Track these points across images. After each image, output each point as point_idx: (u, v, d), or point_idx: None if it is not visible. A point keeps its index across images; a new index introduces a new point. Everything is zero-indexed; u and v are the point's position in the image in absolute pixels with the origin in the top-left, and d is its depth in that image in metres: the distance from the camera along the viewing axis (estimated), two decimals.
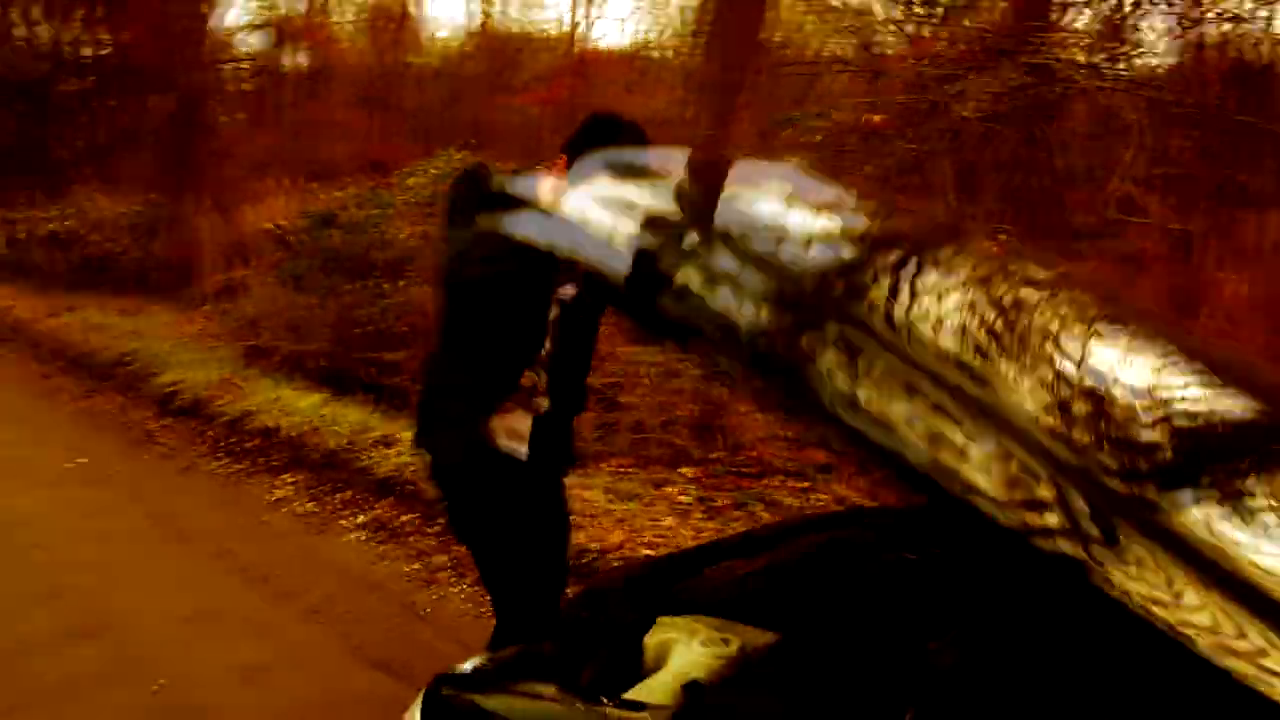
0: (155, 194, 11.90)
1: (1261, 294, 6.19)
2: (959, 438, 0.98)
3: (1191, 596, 0.87)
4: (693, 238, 1.29)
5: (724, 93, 7.50)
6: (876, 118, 4.96)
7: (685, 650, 1.38)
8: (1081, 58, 4.63)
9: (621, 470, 5.65)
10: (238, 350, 7.69)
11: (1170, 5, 4.86)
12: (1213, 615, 0.85)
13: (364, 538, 4.70)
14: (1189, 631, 0.83)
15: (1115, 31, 4.81)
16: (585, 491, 4.95)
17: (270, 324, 7.83)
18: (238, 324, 8.27)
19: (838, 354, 1.05)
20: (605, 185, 1.71)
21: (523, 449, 2.31)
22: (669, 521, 4.79)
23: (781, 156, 5.08)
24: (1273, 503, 1.00)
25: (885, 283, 1.29)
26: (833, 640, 1.42)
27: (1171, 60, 5.02)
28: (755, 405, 6.76)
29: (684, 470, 5.74)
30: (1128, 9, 4.76)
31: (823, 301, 1.16)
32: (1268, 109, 5.03)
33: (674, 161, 2.00)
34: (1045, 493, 0.95)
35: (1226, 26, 4.83)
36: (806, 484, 5.67)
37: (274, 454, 5.74)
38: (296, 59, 18.03)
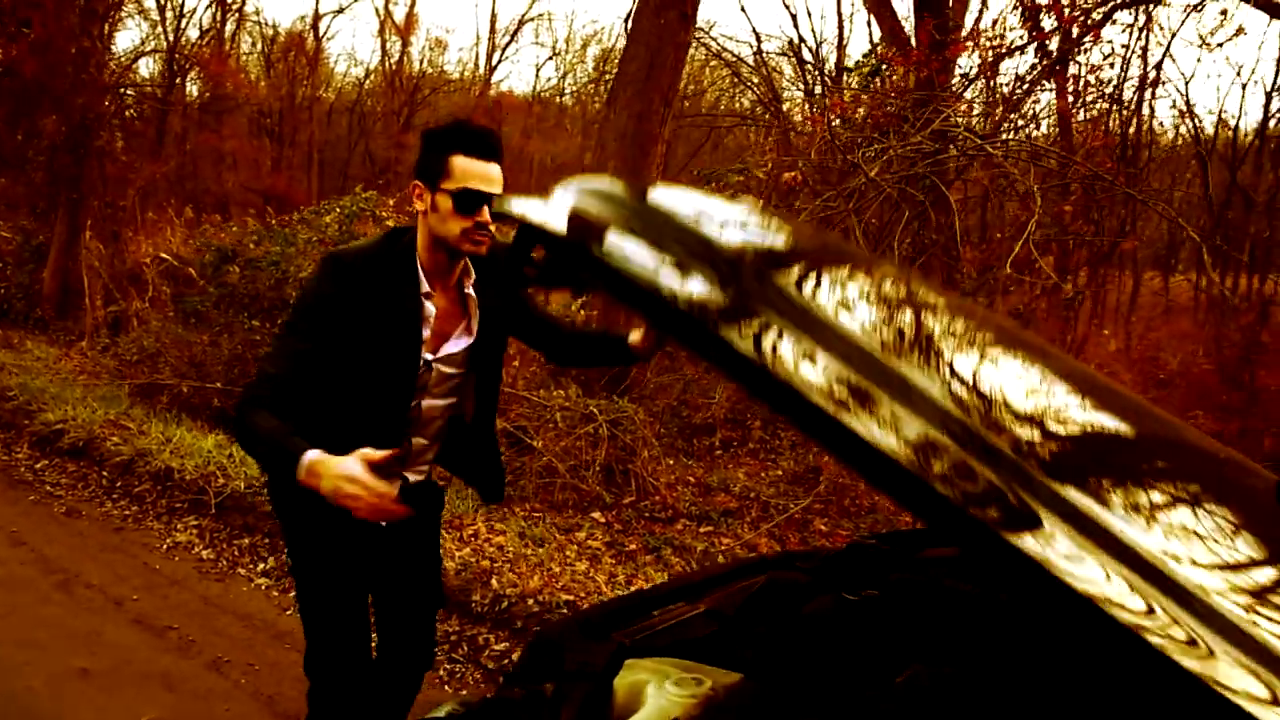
0: (40, 220, 11.34)
1: (1129, 347, 6.67)
2: (884, 409, 1.02)
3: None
4: (624, 206, 1.37)
5: (639, 143, 7.66)
6: (794, 174, 5.15)
7: (659, 692, 1.41)
8: (979, 126, 4.94)
9: (533, 514, 5.63)
10: (127, 387, 7.36)
11: (1056, 85, 5.25)
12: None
13: (267, 585, 4.55)
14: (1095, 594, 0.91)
15: (1009, 105, 5.15)
16: (498, 536, 4.93)
17: (163, 361, 7.53)
18: (128, 360, 7.92)
19: (755, 319, 1.09)
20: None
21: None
22: (582, 566, 4.79)
23: None
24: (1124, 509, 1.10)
25: (797, 267, 1.40)
26: (799, 679, 1.47)
27: (1055, 132, 5.42)
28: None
29: (594, 515, 5.76)
30: (1022, 86, 5.10)
31: (739, 270, 1.21)
32: (1137, 179, 5.44)
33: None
34: (965, 464, 1.00)
35: (1105, 105, 5.26)
36: (711, 528, 5.77)
37: (170, 497, 5.50)
38: (192, 87, 17.54)
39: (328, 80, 19.75)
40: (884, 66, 5.02)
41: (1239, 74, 15.05)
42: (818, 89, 13.00)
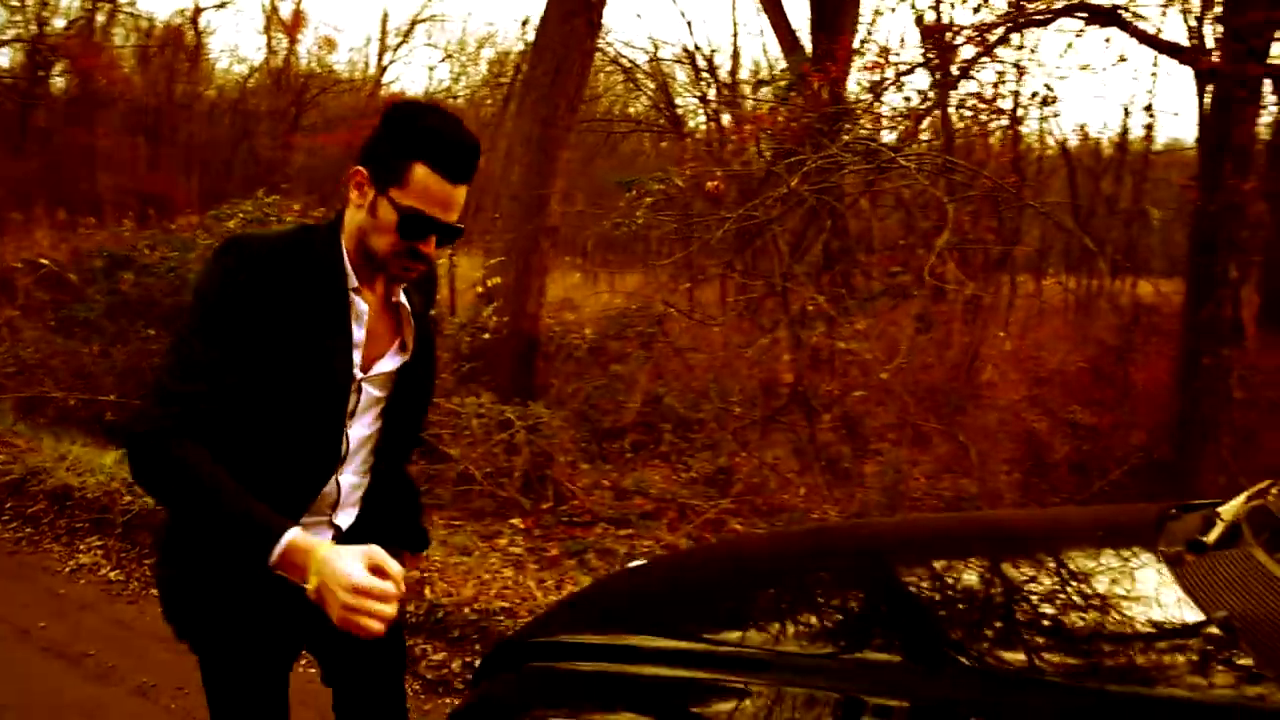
0: None
1: (1025, 350, 7.11)
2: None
3: None
4: None
5: (544, 147, 7.68)
6: (715, 184, 5.29)
7: None
8: (892, 139, 5.20)
9: (453, 523, 5.60)
10: (9, 402, 6.93)
11: (961, 103, 5.58)
12: None
13: None
14: None
15: (917, 119, 5.43)
16: None
17: (44, 373, 7.12)
18: (5, 372, 7.44)
19: None
20: None
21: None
22: (508, 572, 4.80)
23: (635, 217, 5.28)
24: None
25: None
26: None
27: (961, 144, 5.75)
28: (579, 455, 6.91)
29: (514, 521, 5.76)
30: (925, 102, 5.38)
31: None
32: (1021, 189, 5.81)
33: None
34: None
35: (1005, 122, 5.62)
36: (631, 530, 5.85)
37: (70, 517, 5.22)
38: (60, 80, 16.54)
39: (209, 77, 18.90)
40: (799, 80, 5.21)
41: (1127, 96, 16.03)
42: (711, 93, 13.28)
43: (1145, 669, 1.36)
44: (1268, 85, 5.99)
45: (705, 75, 12.34)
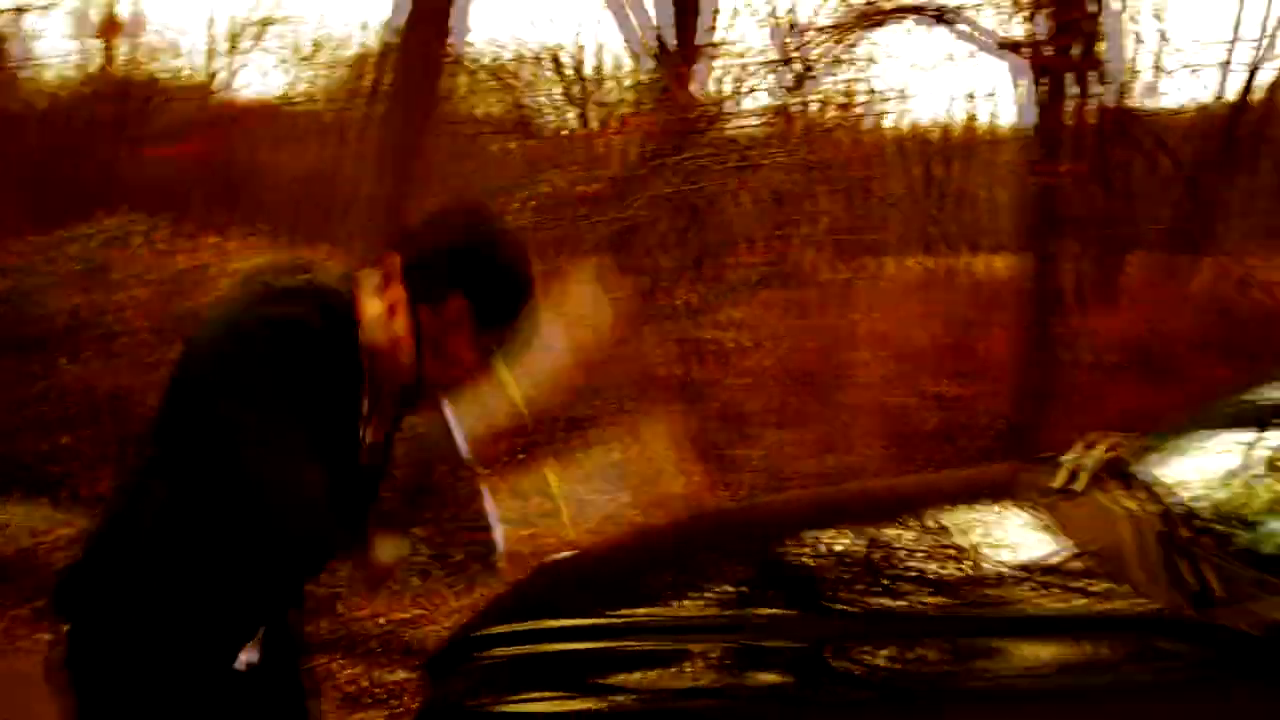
0: None
1: (887, 330, 7.55)
2: None
3: None
4: None
5: (406, 154, 7.63)
6: (591, 187, 5.43)
7: None
8: (758, 136, 5.48)
9: None
10: None
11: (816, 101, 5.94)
12: None
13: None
14: None
15: (782, 117, 5.75)
16: None
17: None
18: None
19: None
20: None
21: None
22: (415, 581, 4.82)
23: (510, 223, 5.34)
24: None
25: None
26: None
27: (815, 139, 6.12)
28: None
29: (415, 530, 5.75)
30: (784, 99, 5.70)
31: None
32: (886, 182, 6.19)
33: None
34: None
35: (858, 114, 6.02)
36: (533, 530, 5.93)
37: None
38: None
39: (23, 86, 17.56)
40: (664, 81, 5.43)
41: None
42: (575, 89, 13.37)
43: (1006, 594, 1.60)
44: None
45: (564, 75, 12.45)
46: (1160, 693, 1.20)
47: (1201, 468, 1.88)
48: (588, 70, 13.89)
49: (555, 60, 13.44)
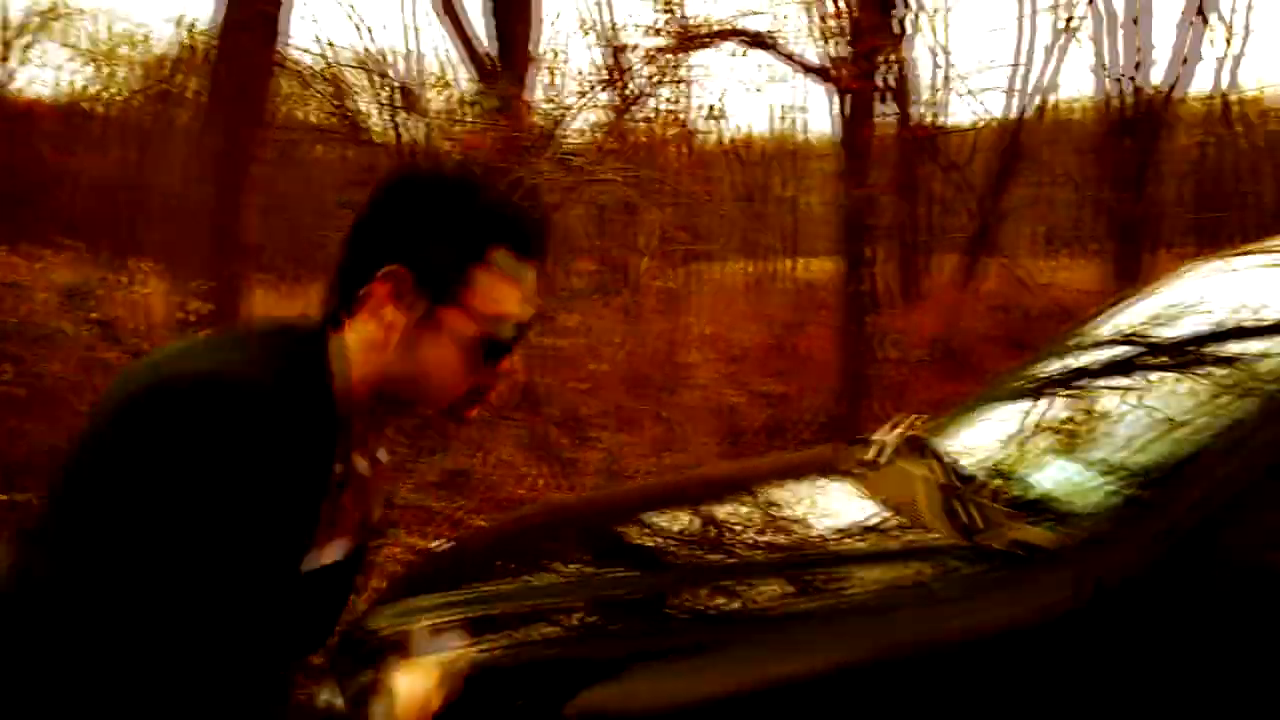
0: None
1: (717, 333, 8.01)
2: None
3: None
4: None
5: (234, 161, 7.38)
6: None
7: None
8: (592, 153, 5.71)
9: None
10: None
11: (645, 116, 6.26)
12: None
13: None
14: None
15: (614, 133, 6.01)
16: None
17: None
18: None
19: None
20: None
21: None
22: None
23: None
24: None
25: None
26: None
27: (644, 154, 6.44)
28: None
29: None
30: (614, 116, 5.99)
31: None
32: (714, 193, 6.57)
33: None
34: None
35: (684, 127, 6.37)
36: (382, 540, 5.93)
37: None
38: None
39: None
40: (506, 100, 5.56)
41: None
42: (397, 97, 13.19)
43: (827, 541, 1.95)
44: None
45: (386, 80, 12.32)
46: (945, 598, 1.63)
47: (976, 437, 2.33)
48: (421, 78, 13.77)
49: (381, 68, 13.23)
